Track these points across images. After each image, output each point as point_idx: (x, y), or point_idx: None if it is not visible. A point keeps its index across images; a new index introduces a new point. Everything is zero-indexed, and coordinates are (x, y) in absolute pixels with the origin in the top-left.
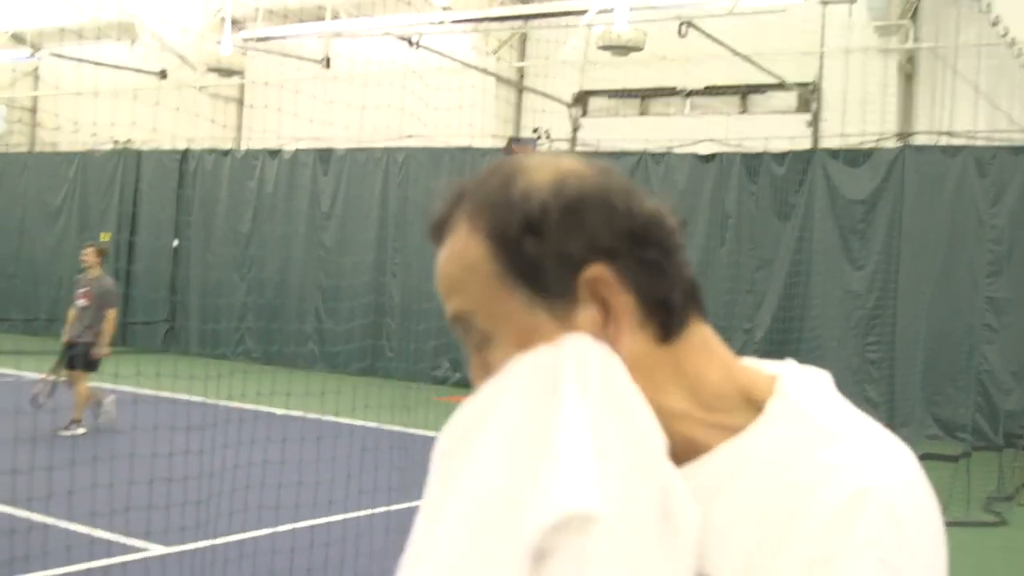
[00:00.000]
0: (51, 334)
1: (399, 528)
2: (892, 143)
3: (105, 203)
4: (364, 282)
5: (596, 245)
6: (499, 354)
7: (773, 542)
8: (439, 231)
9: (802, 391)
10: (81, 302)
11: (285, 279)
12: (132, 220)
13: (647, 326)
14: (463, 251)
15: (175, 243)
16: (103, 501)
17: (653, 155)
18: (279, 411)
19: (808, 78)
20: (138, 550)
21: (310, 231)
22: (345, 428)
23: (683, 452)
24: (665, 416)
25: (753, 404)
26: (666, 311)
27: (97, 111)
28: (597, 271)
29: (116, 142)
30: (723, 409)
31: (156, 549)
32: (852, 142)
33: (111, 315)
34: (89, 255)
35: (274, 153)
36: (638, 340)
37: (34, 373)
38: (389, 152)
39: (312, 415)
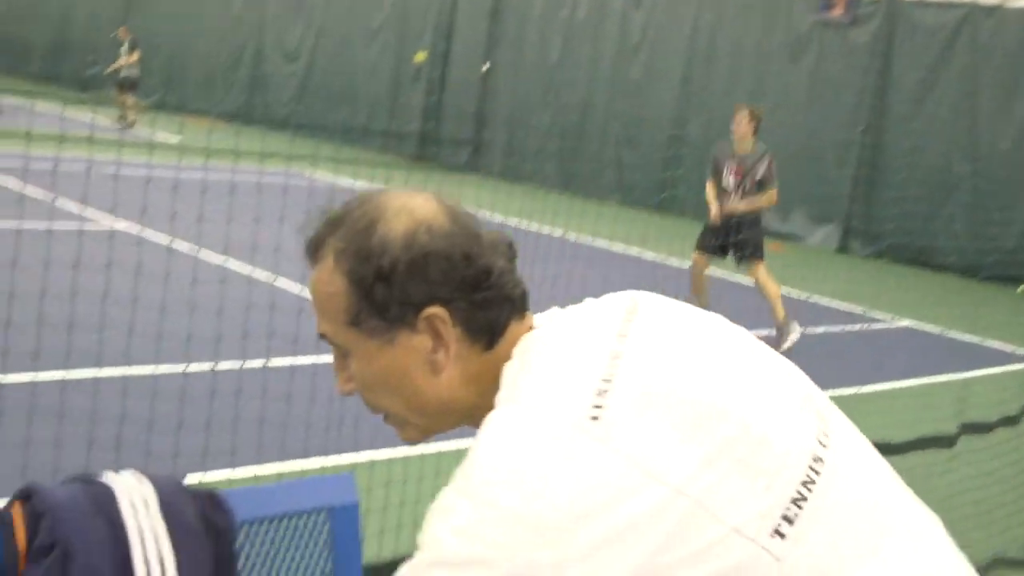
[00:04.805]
0: (373, 147)
1: None
2: None
3: (422, 24)
4: (666, 116)
5: (434, 293)
6: (355, 366)
7: None
8: (313, 252)
9: (509, 371)
10: (732, 179)
11: (589, 108)
12: (447, 41)
13: (475, 343)
14: (328, 282)
15: (485, 66)
16: None
17: (983, 8)
18: (574, 236)
19: None
20: None
21: (617, 63)
22: (632, 259)
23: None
24: (484, 410)
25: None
26: (490, 332)
27: None
28: (433, 312)
29: None
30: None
31: None
32: None
33: (768, 196)
34: (743, 123)
35: None
36: (467, 353)
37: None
38: None
39: (600, 242)
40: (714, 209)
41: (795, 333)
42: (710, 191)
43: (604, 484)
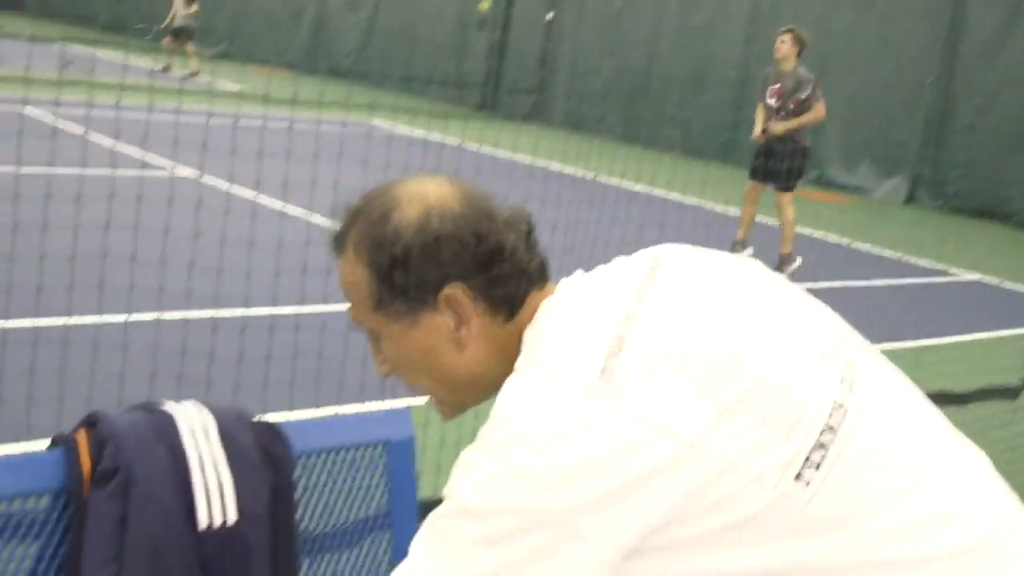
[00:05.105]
0: (435, 97)
1: None
2: None
3: None
4: (731, 63)
5: (449, 272)
6: (387, 349)
7: None
8: (337, 245)
9: (528, 337)
10: (772, 100)
11: (653, 56)
12: None
13: (496, 316)
14: (351, 272)
15: (549, 15)
16: None
17: None
18: (633, 187)
19: None
20: None
21: (682, 9)
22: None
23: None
24: (506, 375)
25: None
26: (509, 305)
27: None
28: (450, 292)
29: None
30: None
31: None
32: None
33: (812, 114)
34: (784, 44)
35: None
36: (490, 327)
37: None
38: None
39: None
40: (757, 128)
41: (792, 268)
42: (758, 112)
43: (613, 442)
